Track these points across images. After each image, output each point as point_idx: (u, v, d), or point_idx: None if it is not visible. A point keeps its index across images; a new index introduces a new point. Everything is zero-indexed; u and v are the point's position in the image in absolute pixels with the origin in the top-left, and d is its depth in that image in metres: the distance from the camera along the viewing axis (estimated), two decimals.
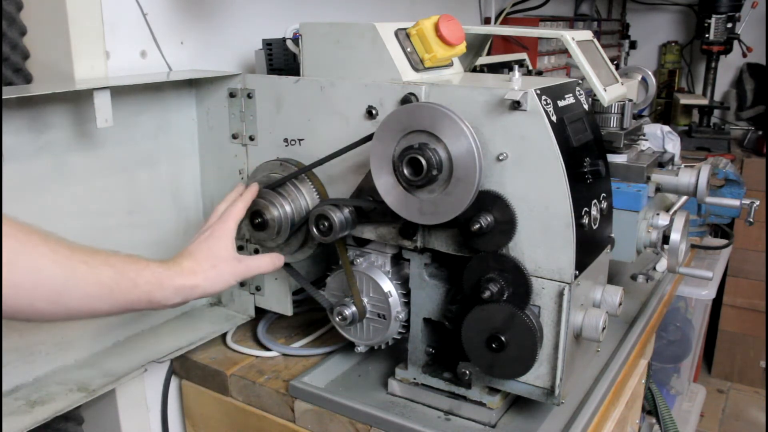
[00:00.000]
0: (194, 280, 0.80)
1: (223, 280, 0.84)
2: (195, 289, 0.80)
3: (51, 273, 0.64)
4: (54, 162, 0.96)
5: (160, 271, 0.76)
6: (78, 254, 0.67)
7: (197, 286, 0.80)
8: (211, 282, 0.82)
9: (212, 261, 0.83)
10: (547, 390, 0.87)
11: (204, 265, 0.82)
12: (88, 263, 0.67)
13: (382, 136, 0.84)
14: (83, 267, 0.67)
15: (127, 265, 0.72)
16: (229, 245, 0.87)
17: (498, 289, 0.83)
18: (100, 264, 0.69)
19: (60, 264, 0.65)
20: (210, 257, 0.84)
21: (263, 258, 0.92)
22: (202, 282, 0.81)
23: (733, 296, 2.81)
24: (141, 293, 0.72)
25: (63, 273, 0.65)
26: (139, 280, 0.72)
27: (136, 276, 0.72)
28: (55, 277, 0.65)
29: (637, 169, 1.14)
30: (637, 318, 1.26)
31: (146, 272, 0.74)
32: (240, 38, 1.32)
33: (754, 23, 2.92)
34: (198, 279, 0.80)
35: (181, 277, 0.79)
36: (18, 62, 0.98)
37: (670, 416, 1.76)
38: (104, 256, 0.70)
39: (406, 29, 0.96)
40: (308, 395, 1.01)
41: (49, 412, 0.91)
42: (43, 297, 0.64)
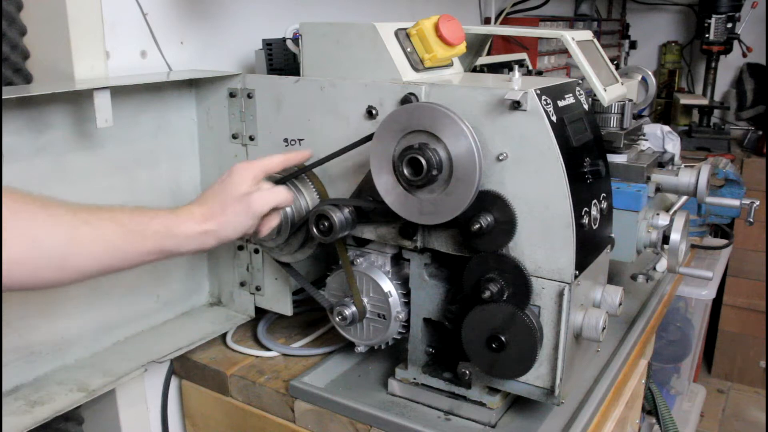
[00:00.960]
0: (205, 226, 0.77)
1: (237, 222, 0.79)
2: (207, 234, 0.77)
3: (51, 240, 0.63)
4: (54, 162, 0.96)
5: (170, 219, 0.74)
6: (80, 215, 0.66)
7: (209, 231, 0.77)
8: (223, 226, 0.78)
9: (223, 204, 0.79)
10: (547, 390, 0.87)
11: (215, 209, 0.78)
12: (90, 223, 0.66)
13: (382, 136, 0.84)
14: (85, 228, 0.66)
15: (133, 218, 0.70)
16: (242, 185, 0.81)
17: (498, 289, 0.83)
18: (104, 221, 0.68)
19: (60, 228, 0.64)
20: (221, 200, 0.80)
21: (276, 190, 0.85)
22: (215, 227, 0.77)
23: (733, 296, 2.81)
24: (151, 244, 0.71)
25: (64, 237, 0.64)
26: (146, 231, 0.70)
27: (143, 228, 0.70)
28: (56, 244, 0.64)
29: (637, 169, 1.14)
30: (637, 318, 1.26)
31: (154, 223, 0.72)
32: (240, 38, 1.32)
33: (754, 23, 2.92)
34: (210, 224, 0.77)
35: (192, 223, 0.76)
36: (18, 62, 0.98)
37: (670, 416, 1.76)
38: (109, 213, 0.69)
39: (406, 29, 0.96)
40: (308, 395, 1.01)
41: (49, 412, 0.91)
42: (47, 265, 0.64)
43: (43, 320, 0.97)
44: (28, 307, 0.95)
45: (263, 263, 1.13)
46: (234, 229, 0.80)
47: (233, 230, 0.80)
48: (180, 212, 0.76)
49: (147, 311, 1.13)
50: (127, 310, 1.10)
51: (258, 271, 1.14)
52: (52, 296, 0.98)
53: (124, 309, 1.09)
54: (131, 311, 1.11)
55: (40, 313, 0.97)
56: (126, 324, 1.10)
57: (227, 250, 1.18)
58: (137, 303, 1.12)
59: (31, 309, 0.96)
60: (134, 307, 1.11)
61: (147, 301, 1.13)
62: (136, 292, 1.11)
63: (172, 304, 1.18)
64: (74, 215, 0.66)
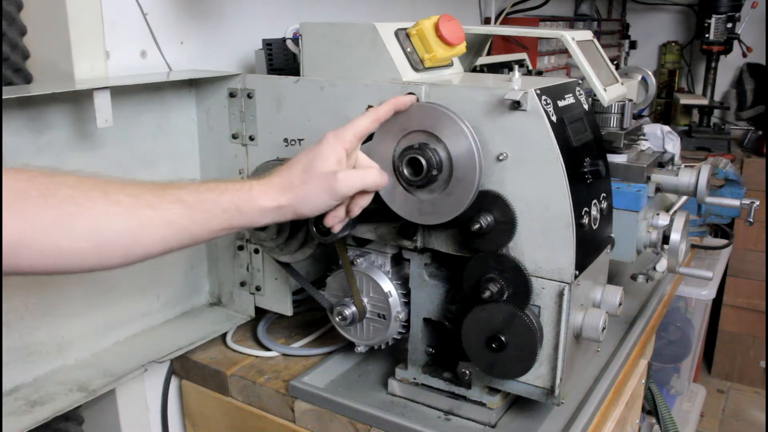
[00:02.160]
0: (281, 200, 0.71)
1: (318, 200, 0.72)
2: (283, 209, 0.71)
3: (115, 229, 0.62)
4: (54, 162, 0.96)
5: (241, 194, 0.69)
6: (144, 198, 0.64)
7: (284, 207, 0.71)
8: (301, 201, 0.72)
9: (304, 177, 0.72)
10: (547, 390, 0.87)
11: (296, 181, 0.72)
12: (153, 206, 0.64)
13: (382, 136, 0.84)
14: (149, 212, 0.63)
15: (201, 195, 0.67)
16: (329, 158, 0.73)
17: (498, 289, 0.83)
18: (169, 203, 0.65)
19: (123, 216, 0.62)
20: (303, 172, 0.73)
21: (368, 171, 0.77)
22: (291, 201, 0.71)
23: (733, 296, 2.81)
24: (218, 223, 0.68)
25: (128, 225, 0.62)
26: (215, 210, 0.67)
27: (211, 206, 0.67)
28: (121, 232, 0.62)
29: (637, 169, 1.14)
30: (637, 318, 1.26)
31: (223, 199, 0.68)
32: (240, 38, 1.32)
33: (754, 23, 2.91)
34: (286, 197, 0.71)
35: (266, 198, 0.71)
36: (18, 62, 0.98)
37: (670, 416, 1.76)
38: (174, 193, 0.66)
39: (406, 29, 0.96)
40: (308, 395, 1.01)
41: (49, 412, 0.91)
42: (112, 254, 0.63)
43: (43, 320, 0.97)
44: (28, 307, 0.95)
45: (263, 263, 1.13)
46: (313, 206, 0.73)
47: (312, 208, 0.73)
48: (255, 184, 0.71)
49: (147, 311, 1.13)
50: (127, 310, 1.10)
51: (258, 271, 1.14)
52: (52, 296, 0.98)
53: (124, 309, 1.09)
54: (131, 311, 1.11)
55: (40, 313, 0.97)
56: (126, 324, 1.10)
57: (227, 250, 1.18)
58: (137, 303, 1.12)
59: (31, 309, 0.96)
60: (134, 307, 1.11)
61: (147, 301, 1.13)
62: (136, 292, 1.11)
63: (172, 304, 1.18)
64: (137, 199, 0.63)
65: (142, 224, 0.63)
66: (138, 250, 0.64)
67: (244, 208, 0.69)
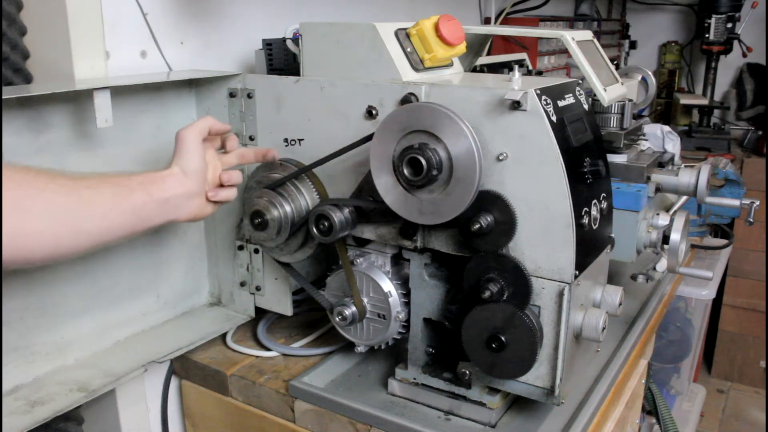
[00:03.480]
0: (173, 168, 0.85)
1: (190, 152, 0.87)
2: (175, 175, 0.84)
3: (65, 207, 0.69)
4: (54, 162, 0.96)
5: (146, 172, 0.82)
6: (80, 181, 0.73)
7: (175, 171, 0.84)
8: (183, 159, 0.86)
9: (175, 149, 0.88)
10: (547, 390, 0.87)
11: (174, 154, 0.87)
12: (89, 186, 0.73)
13: (382, 136, 0.84)
14: (87, 191, 0.73)
15: (119, 177, 0.79)
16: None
17: (498, 289, 0.83)
18: (99, 183, 0.75)
19: (69, 195, 0.70)
20: (173, 151, 0.88)
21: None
22: (178, 163, 0.85)
23: (733, 296, 2.81)
24: (140, 195, 0.78)
25: (73, 202, 0.70)
26: (131, 183, 0.78)
27: (128, 182, 0.78)
28: (69, 209, 0.70)
29: (637, 169, 1.14)
30: (637, 318, 1.26)
31: (135, 176, 0.80)
32: (240, 38, 1.32)
33: (754, 23, 2.92)
34: (174, 165, 0.85)
35: (163, 170, 0.84)
36: (18, 62, 0.98)
37: (670, 416, 1.77)
38: (100, 177, 0.77)
39: (406, 29, 0.96)
40: (308, 395, 1.01)
41: (49, 412, 0.91)
42: (65, 233, 0.69)
43: (43, 320, 0.97)
44: (28, 307, 0.95)
45: (263, 263, 1.13)
46: (191, 159, 0.86)
47: (192, 161, 0.86)
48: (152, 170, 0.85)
49: (147, 311, 1.13)
50: (127, 310, 1.10)
51: (258, 271, 1.14)
52: (52, 296, 0.98)
53: (124, 309, 1.09)
54: (131, 311, 1.11)
55: (40, 313, 0.97)
56: (126, 324, 1.10)
57: (227, 250, 1.18)
58: (137, 303, 1.12)
59: (31, 309, 0.96)
60: (134, 307, 1.11)
61: (147, 301, 1.13)
62: (136, 292, 1.11)
63: (172, 304, 1.18)
64: (75, 181, 0.72)
65: (82, 201, 0.72)
66: (84, 229, 0.71)
67: (152, 177, 0.82)
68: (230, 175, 0.92)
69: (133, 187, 0.78)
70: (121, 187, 0.77)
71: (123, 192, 0.77)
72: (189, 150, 0.86)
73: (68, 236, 0.70)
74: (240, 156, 0.96)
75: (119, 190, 0.76)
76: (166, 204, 0.82)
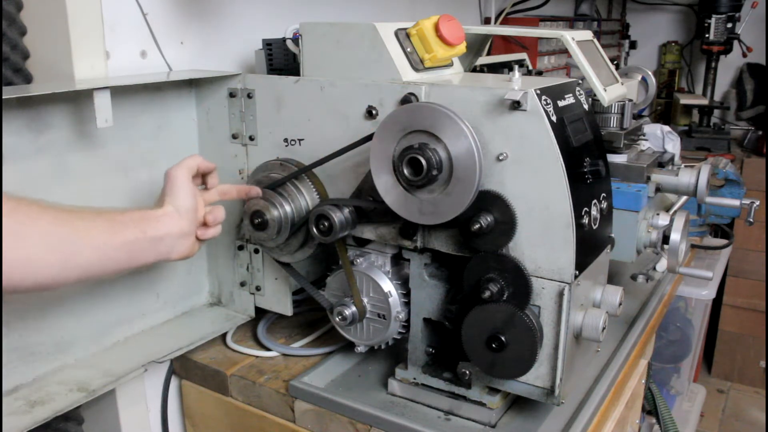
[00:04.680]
0: (166, 208, 0.85)
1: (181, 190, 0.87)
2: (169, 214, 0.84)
3: (57, 237, 0.70)
4: (54, 162, 0.96)
5: (139, 209, 0.83)
6: (73, 213, 0.73)
7: (169, 211, 0.85)
8: (174, 196, 0.86)
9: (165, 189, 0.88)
10: (547, 390, 0.87)
11: (164, 193, 0.88)
12: (83, 218, 0.74)
13: (382, 136, 0.84)
14: (80, 223, 0.73)
15: (113, 212, 0.79)
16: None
17: (498, 289, 0.83)
18: (93, 217, 0.76)
19: (61, 226, 0.70)
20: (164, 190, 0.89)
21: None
22: (170, 201, 0.86)
23: (733, 296, 2.81)
24: (132, 230, 0.79)
25: (66, 233, 0.71)
26: (125, 219, 0.79)
27: (122, 217, 0.79)
28: (61, 239, 0.70)
29: (637, 169, 1.14)
30: (637, 318, 1.26)
31: (129, 212, 0.81)
32: (240, 38, 1.32)
33: (754, 23, 2.92)
34: (167, 204, 0.85)
35: (155, 208, 0.85)
36: (18, 62, 0.98)
37: (670, 416, 1.77)
38: (95, 211, 0.77)
39: (406, 29, 0.96)
40: (308, 395, 1.01)
41: (49, 412, 0.91)
42: (54, 261, 0.69)
43: (43, 320, 0.97)
44: (28, 308, 0.95)
45: (263, 263, 1.13)
46: (184, 198, 0.87)
47: (184, 200, 0.87)
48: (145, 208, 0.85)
49: (147, 311, 1.13)
50: (127, 310, 1.10)
51: (258, 271, 1.14)
52: (52, 296, 0.98)
53: (124, 309, 1.09)
54: (131, 311, 1.11)
55: (40, 313, 0.97)
56: (126, 324, 1.10)
57: (227, 249, 1.18)
58: (137, 303, 1.12)
59: (31, 309, 0.96)
60: (134, 307, 1.11)
61: (147, 301, 1.13)
62: (136, 292, 1.11)
63: (172, 304, 1.18)
64: (68, 213, 0.73)
65: (77, 233, 0.72)
66: (75, 260, 0.71)
67: (146, 216, 0.82)
68: (215, 215, 0.91)
69: (127, 223, 0.78)
70: (115, 223, 0.77)
71: (116, 227, 0.77)
72: (181, 188, 0.87)
73: (58, 266, 0.69)
74: (222, 193, 0.96)
75: (112, 225, 0.76)
76: (159, 243, 0.82)
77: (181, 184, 0.87)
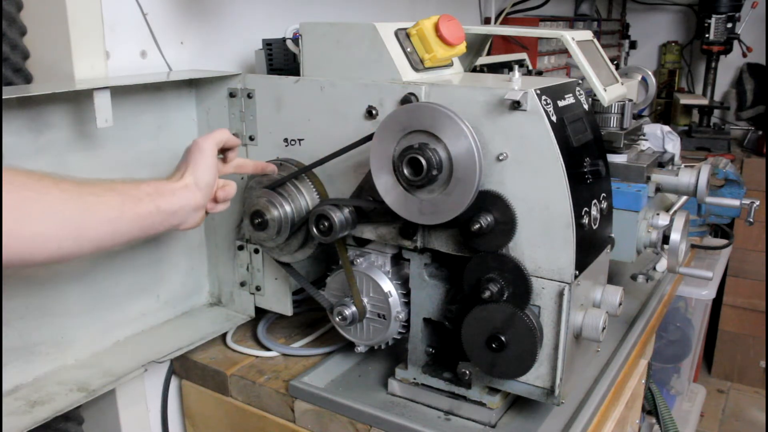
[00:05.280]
0: (184, 180, 0.83)
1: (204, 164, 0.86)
2: (188, 188, 0.83)
3: (68, 212, 0.69)
4: (54, 162, 0.96)
5: (156, 181, 0.81)
6: (85, 187, 0.72)
7: (189, 184, 0.83)
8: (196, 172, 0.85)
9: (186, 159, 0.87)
10: (547, 390, 0.87)
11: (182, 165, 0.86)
12: (94, 193, 0.73)
13: (382, 136, 0.84)
14: (92, 198, 0.72)
15: (126, 184, 0.78)
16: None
17: (498, 289, 0.83)
18: (105, 191, 0.74)
19: (73, 200, 0.70)
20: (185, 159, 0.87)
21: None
22: (191, 177, 0.84)
23: (733, 296, 2.81)
24: (146, 205, 0.77)
25: (77, 207, 0.70)
26: (140, 194, 0.77)
27: (137, 191, 0.77)
28: (72, 214, 0.69)
29: (637, 169, 1.14)
30: (637, 318, 1.26)
31: (144, 186, 0.79)
32: (240, 38, 1.32)
33: (754, 23, 2.91)
34: (187, 177, 0.84)
35: (173, 181, 0.83)
36: (18, 62, 0.98)
37: (670, 416, 1.77)
38: (108, 184, 0.76)
39: (406, 29, 0.96)
40: (308, 395, 1.01)
41: (49, 412, 0.91)
42: (66, 235, 0.69)
43: (43, 320, 0.97)
44: (28, 307, 0.95)
45: (263, 263, 1.13)
46: (207, 172, 0.85)
47: (207, 175, 0.85)
48: (161, 179, 0.84)
49: (147, 311, 1.13)
50: (127, 310, 1.10)
51: (258, 271, 1.14)
52: (52, 296, 0.98)
53: (124, 309, 1.09)
54: (131, 311, 1.11)
55: (40, 313, 0.97)
56: (126, 324, 1.10)
57: (227, 250, 1.18)
58: (137, 303, 1.12)
59: (31, 309, 0.96)
60: (134, 307, 1.11)
61: (147, 301, 1.13)
62: (136, 292, 1.11)
63: (172, 304, 1.18)
64: (80, 187, 0.72)
65: (87, 208, 0.71)
66: (87, 234, 0.71)
67: (162, 189, 0.81)
68: (227, 191, 0.90)
69: (141, 197, 0.77)
70: (128, 196, 0.76)
71: (130, 201, 0.76)
72: (206, 162, 0.85)
73: (70, 240, 0.69)
74: (238, 167, 0.95)
75: (126, 199, 0.75)
76: (172, 216, 0.81)
77: (207, 157, 0.85)
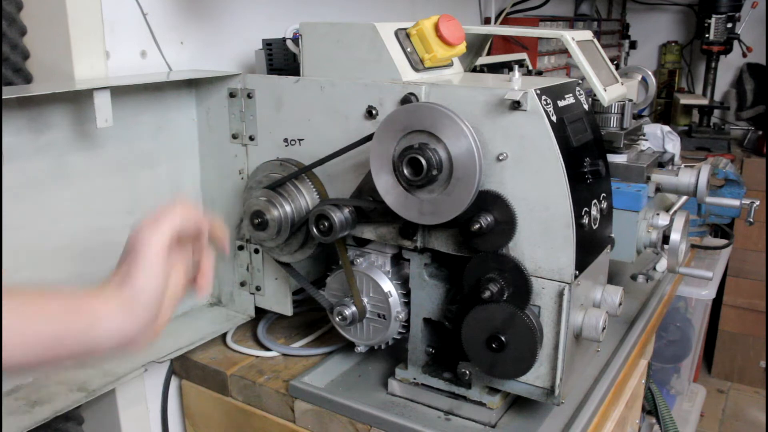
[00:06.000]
0: (113, 293, 0.61)
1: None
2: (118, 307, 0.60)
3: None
4: (54, 162, 0.96)
5: (83, 292, 0.61)
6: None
7: (120, 301, 0.61)
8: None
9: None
10: (547, 390, 0.87)
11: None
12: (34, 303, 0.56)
13: (382, 136, 0.84)
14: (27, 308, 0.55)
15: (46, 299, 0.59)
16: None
17: (498, 289, 0.83)
18: (35, 297, 0.57)
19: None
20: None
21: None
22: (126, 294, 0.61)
23: (733, 296, 2.81)
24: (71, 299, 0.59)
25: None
26: (65, 291, 0.59)
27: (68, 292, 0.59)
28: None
29: (637, 169, 1.14)
30: (637, 318, 1.26)
31: (57, 301, 0.59)
32: (240, 38, 1.32)
33: (754, 23, 2.91)
34: (118, 290, 0.61)
35: (100, 291, 0.62)
36: (18, 62, 0.98)
37: (670, 416, 1.77)
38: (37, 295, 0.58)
39: (406, 29, 0.96)
40: (308, 395, 1.01)
41: (49, 412, 0.91)
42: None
43: None
44: None
45: (263, 263, 1.13)
46: (149, 278, 0.61)
47: (148, 281, 0.61)
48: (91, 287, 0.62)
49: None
50: None
51: (258, 271, 1.14)
52: None
53: None
54: None
55: None
56: None
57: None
58: None
59: None
60: None
61: None
62: None
63: None
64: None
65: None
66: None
67: (75, 306, 0.59)
68: (205, 277, 0.69)
69: (66, 293, 0.58)
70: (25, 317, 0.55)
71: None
72: (151, 267, 0.60)
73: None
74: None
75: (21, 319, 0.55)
76: (85, 353, 0.59)
77: (153, 257, 0.60)
